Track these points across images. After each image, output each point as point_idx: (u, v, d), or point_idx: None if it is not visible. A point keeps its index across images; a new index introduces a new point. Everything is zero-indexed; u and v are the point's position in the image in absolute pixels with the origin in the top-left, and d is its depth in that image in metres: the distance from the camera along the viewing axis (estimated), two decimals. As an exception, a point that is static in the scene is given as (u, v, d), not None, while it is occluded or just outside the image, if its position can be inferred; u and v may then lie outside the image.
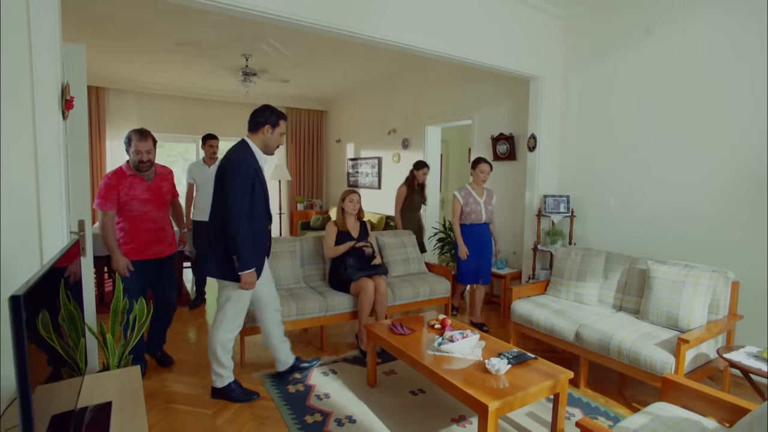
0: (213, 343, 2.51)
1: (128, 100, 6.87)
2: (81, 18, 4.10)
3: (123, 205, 2.70)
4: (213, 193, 2.45)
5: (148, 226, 2.79)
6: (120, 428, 1.51)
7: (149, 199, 2.79)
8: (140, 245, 2.77)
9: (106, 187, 2.65)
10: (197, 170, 4.29)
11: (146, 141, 2.70)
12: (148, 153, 2.72)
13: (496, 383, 2.03)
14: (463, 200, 3.77)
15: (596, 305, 3.19)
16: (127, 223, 2.74)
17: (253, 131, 2.49)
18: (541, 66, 3.87)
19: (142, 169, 2.73)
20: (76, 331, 1.95)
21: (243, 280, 2.36)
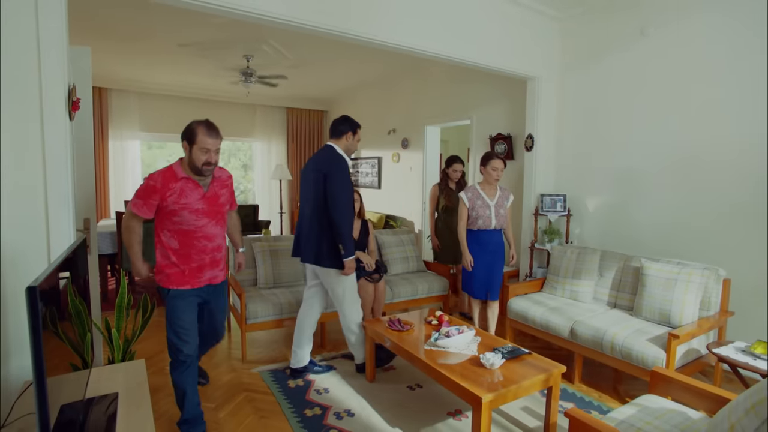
0: (351, 325, 2.85)
1: (131, 100, 6.94)
2: (85, 21, 4.17)
3: (169, 216, 2.10)
4: (311, 193, 2.72)
5: (203, 245, 2.19)
6: (126, 418, 1.57)
7: (205, 211, 2.16)
8: (193, 271, 2.18)
9: (147, 190, 2.07)
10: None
11: (216, 137, 2.11)
12: (216, 153, 2.13)
13: (490, 377, 2.08)
14: (469, 203, 3.23)
15: (591, 302, 3.25)
16: (176, 240, 2.13)
17: (337, 137, 2.79)
18: (537, 67, 3.93)
19: (204, 173, 2.11)
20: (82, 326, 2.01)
21: (346, 266, 2.68)
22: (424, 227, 5.76)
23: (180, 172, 2.10)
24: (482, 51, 3.53)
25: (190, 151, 2.07)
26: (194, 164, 2.08)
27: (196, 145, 2.05)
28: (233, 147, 9.58)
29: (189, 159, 2.09)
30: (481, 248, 3.26)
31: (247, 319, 3.09)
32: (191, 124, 2.08)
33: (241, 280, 3.56)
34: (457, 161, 4.10)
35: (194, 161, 2.07)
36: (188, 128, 2.08)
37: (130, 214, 2.14)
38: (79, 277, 1.86)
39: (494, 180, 3.25)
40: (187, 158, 2.10)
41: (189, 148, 2.07)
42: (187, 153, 2.09)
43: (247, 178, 9.44)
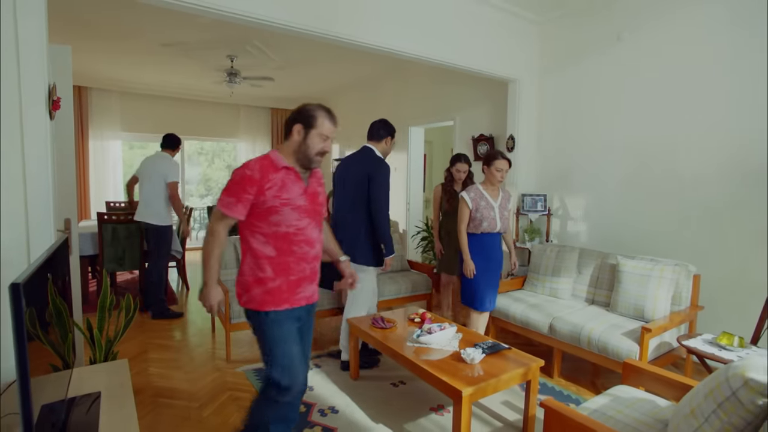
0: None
1: (112, 99, 6.85)
2: (66, 20, 4.12)
3: (265, 215, 1.70)
4: (351, 192, 2.86)
5: (305, 251, 1.78)
6: (109, 417, 1.58)
7: (307, 209, 1.79)
8: (291, 285, 1.77)
9: (243, 181, 1.68)
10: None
11: (336, 124, 1.83)
12: (331, 143, 1.84)
13: (470, 371, 2.14)
14: (472, 204, 2.96)
15: (570, 299, 3.34)
16: (272, 246, 1.73)
17: (377, 140, 2.95)
18: (518, 69, 4.02)
19: (314, 164, 1.80)
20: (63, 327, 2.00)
21: (387, 263, 2.90)
22: (409, 227, 5.82)
23: (280, 161, 1.73)
24: (465, 54, 3.60)
25: (306, 137, 1.74)
26: (307, 152, 1.75)
27: (315, 130, 1.74)
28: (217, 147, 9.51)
29: (300, 145, 1.75)
30: (484, 253, 3.01)
31: (232, 319, 3.10)
32: (307, 106, 1.77)
33: (226, 280, 3.56)
34: (461, 160, 3.66)
35: (308, 148, 1.74)
36: (305, 111, 1.75)
37: (219, 215, 1.71)
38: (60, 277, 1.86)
39: (498, 181, 3.01)
40: (296, 144, 1.76)
41: (304, 133, 1.74)
42: (298, 138, 1.75)
43: (231, 179, 9.36)
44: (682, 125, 3.16)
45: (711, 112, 3.01)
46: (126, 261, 4.32)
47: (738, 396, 1.19)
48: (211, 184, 9.72)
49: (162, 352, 3.26)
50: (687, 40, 3.11)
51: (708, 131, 3.03)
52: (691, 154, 3.13)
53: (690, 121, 3.12)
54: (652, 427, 1.55)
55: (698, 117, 3.08)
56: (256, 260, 1.73)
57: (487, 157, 3.05)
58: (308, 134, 1.74)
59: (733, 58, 2.88)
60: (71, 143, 2.63)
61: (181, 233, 4.93)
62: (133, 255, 4.33)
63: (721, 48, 2.93)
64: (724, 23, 2.91)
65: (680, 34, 3.14)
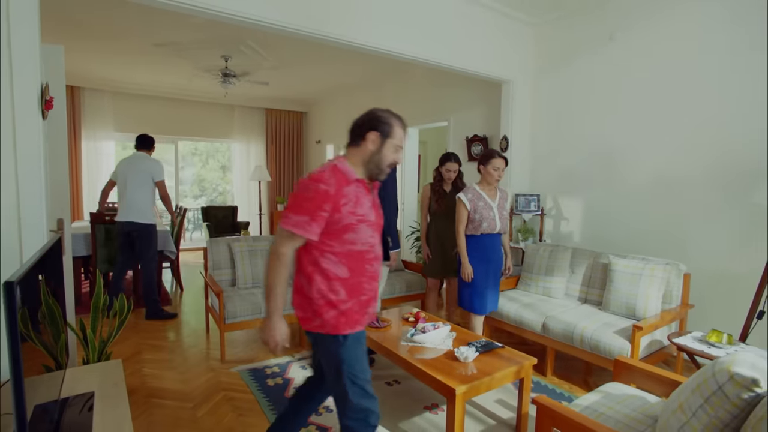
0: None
1: (105, 99, 6.81)
2: (59, 20, 4.10)
3: (339, 233, 1.54)
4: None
5: (374, 269, 1.66)
6: (102, 416, 1.57)
7: (377, 224, 1.67)
8: (363, 304, 1.63)
9: (318, 198, 1.48)
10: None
11: (407, 131, 1.70)
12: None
13: (464, 370, 2.15)
14: (470, 205, 2.90)
15: (563, 298, 3.37)
16: (345, 267, 1.57)
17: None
18: (512, 70, 4.05)
19: (382, 176, 1.65)
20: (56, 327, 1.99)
21: (393, 258, 2.97)
22: (403, 227, 5.83)
23: (352, 173, 1.57)
24: (459, 55, 3.62)
25: (381, 146, 1.59)
26: (380, 163, 1.61)
27: (391, 140, 1.59)
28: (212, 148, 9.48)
29: (373, 155, 1.59)
30: (484, 255, 2.95)
31: (226, 319, 3.10)
32: (381, 112, 1.61)
33: (220, 280, 3.55)
34: (450, 159, 3.48)
35: (382, 159, 1.60)
36: (381, 117, 1.59)
37: (288, 236, 1.49)
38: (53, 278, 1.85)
39: (495, 181, 2.96)
40: (369, 154, 1.60)
41: (380, 143, 1.58)
42: (373, 147, 1.59)
43: (225, 180, 9.35)
44: (673, 125, 3.21)
45: (700, 111, 3.05)
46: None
47: (724, 390, 1.21)
48: (205, 184, 9.69)
49: (156, 352, 3.25)
50: (677, 40, 3.15)
51: (697, 131, 3.07)
52: (681, 154, 3.17)
53: (680, 121, 3.16)
54: (642, 423, 1.58)
55: (688, 117, 3.12)
56: (328, 282, 1.55)
57: (484, 156, 2.98)
58: (384, 144, 1.59)
59: (723, 56, 2.92)
60: (64, 143, 2.62)
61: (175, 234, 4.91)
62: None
63: (712, 47, 2.97)
64: (716, 22, 2.95)
65: (671, 34, 3.18)
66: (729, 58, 2.89)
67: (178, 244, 4.94)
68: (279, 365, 3.05)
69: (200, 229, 8.86)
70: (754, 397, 1.17)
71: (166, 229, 4.77)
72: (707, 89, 3.01)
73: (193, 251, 7.72)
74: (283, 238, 1.50)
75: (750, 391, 1.17)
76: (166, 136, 7.63)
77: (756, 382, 1.17)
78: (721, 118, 2.95)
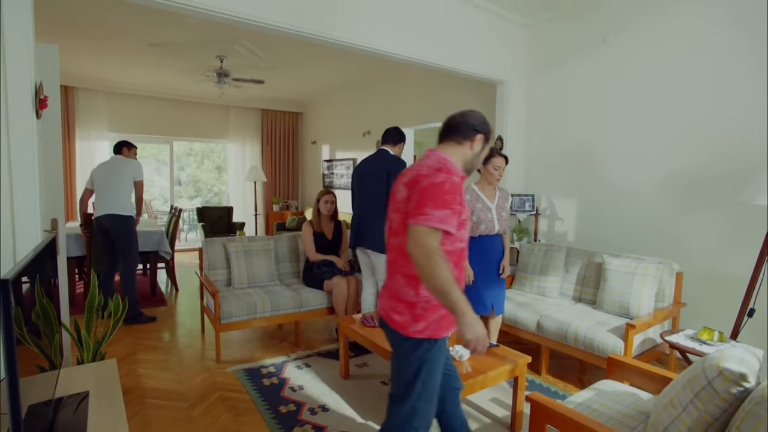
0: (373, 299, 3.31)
1: (99, 100, 6.78)
2: (53, 19, 4.08)
3: (458, 228, 1.47)
4: (374, 188, 3.14)
5: (463, 272, 1.64)
6: (98, 415, 1.57)
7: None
8: None
9: (454, 188, 1.42)
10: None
11: None
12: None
13: (459, 368, 2.17)
14: (468, 206, 2.71)
15: (557, 297, 3.39)
16: (451, 263, 1.44)
17: (392, 144, 3.32)
18: (506, 71, 4.07)
19: (468, 175, 1.62)
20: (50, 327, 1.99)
21: None
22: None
23: (459, 170, 1.53)
24: (454, 55, 3.64)
25: (482, 150, 1.62)
26: (476, 164, 1.64)
27: (488, 145, 1.65)
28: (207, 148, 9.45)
29: (474, 157, 1.61)
30: (483, 257, 2.89)
31: (221, 319, 3.09)
32: (482, 116, 1.62)
33: (215, 281, 3.55)
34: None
35: (475, 160, 1.62)
36: (485, 122, 1.61)
37: (431, 232, 1.36)
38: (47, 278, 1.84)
39: (495, 180, 2.87)
40: (471, 155, 1.60)
41: (483, 145, 1.61)
42: (478, 149, 1.60)
43: (221, 180, 9.32)
44: (665, 126, 3.24)
45: (692, 112, 3.08)
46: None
47: (713, 385, 1.23)
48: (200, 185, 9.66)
49: (151, 353, 3.24)
50: (669, 42, 3.18)
51: (689, 132, 3.10)
52: (674, 154, 3.20)
53: (672, 122, 3.20)
54: (635, 419, 1.59)
55: (680, 118, 3.15)
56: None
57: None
58: (484, 148, 1.62)
59: (715, 58, 2.96)
60: (58, 143, 2.61)
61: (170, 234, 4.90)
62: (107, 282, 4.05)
63: (703, 48, 3.01)
64: (707, 24, 2.99)
65: (662, 36, 3.22)
66: (720, 59, 2.93)
67: (173, 244, 4.93)
68: (275, 365, 3.05)
69: (195, 230, 8.84)
70: (743, 391, 1.19)
71: (161, 229, 4.76)
72: (699, 90, 3.04)
73: (188, 252, 7.69)
74: (427, 235, 1.35)
75: (738, 386, 1.19)
76: (161, 137, 7.61)
77: (744, 377, 1.19)
78: (713, 119, 2.98)
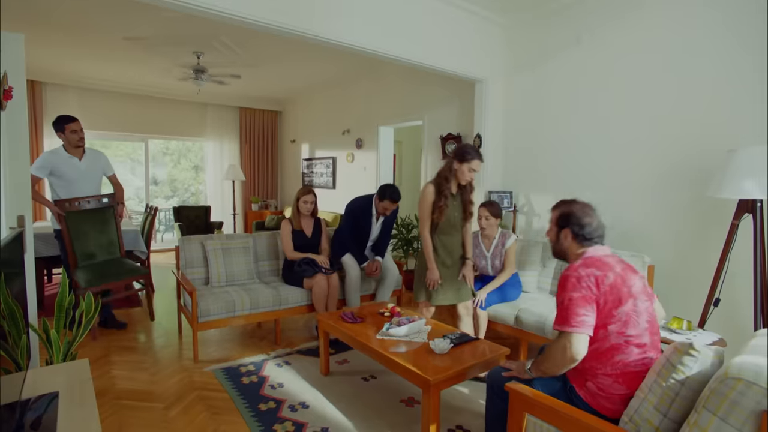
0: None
1: (69, 96, 6.56)
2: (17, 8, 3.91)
3: None
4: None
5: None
6: (68, 417, 1.52)
7: None
8: None
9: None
10: (64, 162, 3.53)
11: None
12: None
13: (439, 361, 2.18)
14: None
15: (535, 291, 3.45)
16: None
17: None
18: (484, 70, 4.12)
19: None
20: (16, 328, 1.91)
21: (377, 266, 3.73)
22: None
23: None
24: (432, 53, 3.66)
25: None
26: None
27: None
28: (183, 147, 9.26)
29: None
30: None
31: (199, 318, 3.03)
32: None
33: (193, 279, 3.48)
34: (477, 156, 2.67)
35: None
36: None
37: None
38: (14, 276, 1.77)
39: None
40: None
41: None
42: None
43: (198, 180, 9.15)
44: (638, 123, 3.33)
45: (664, 109, 3.18)
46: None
47: (670, 360, 1.35)
48: (176, 184, 9.46)
49: (125, 354, 3.16)
50: (644, 40, 3.27)
51: (661, 129, 3.20)
52: (647, 150, 3.29)
53: (645, 119, 3.29)
54: (608, 405, 1.64)
55: (652, 115, 3.25)
56: None
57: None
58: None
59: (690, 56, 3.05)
60: (25, 138, 2.51)
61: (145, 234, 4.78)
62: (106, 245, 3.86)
63: (679, 46, 3.11)
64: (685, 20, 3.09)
65: (635, 36, 3.31)
66: (694, 57, 3.03)
67: (148, 244, 4.81)
68: (254, 363, 3.02)
69: (172, 230, 8.65)
70: (694, 361, 1.29)
71: (136, 228, 4.64)
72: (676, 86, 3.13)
73: (164, 252, 7.52)
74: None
75: (689, 355, 1.29)
76: (135, 135, 7.42)
77: (692, 345, 1.31)
78: (683, 117, 3.08)
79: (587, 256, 1.70)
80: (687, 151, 3.06)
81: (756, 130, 2.69)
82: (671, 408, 1.30)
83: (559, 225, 1.83)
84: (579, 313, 1.53)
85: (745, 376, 1.09)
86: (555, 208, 1.90)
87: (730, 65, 2.83)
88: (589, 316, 1.53)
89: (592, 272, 1.57)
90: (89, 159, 3.68)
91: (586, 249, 1.74)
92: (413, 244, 5.18)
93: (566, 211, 1.83)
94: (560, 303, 1.61)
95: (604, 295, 1.54)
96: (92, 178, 3.71)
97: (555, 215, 1.87)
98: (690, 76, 3.03)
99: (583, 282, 1.56)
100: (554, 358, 1.60)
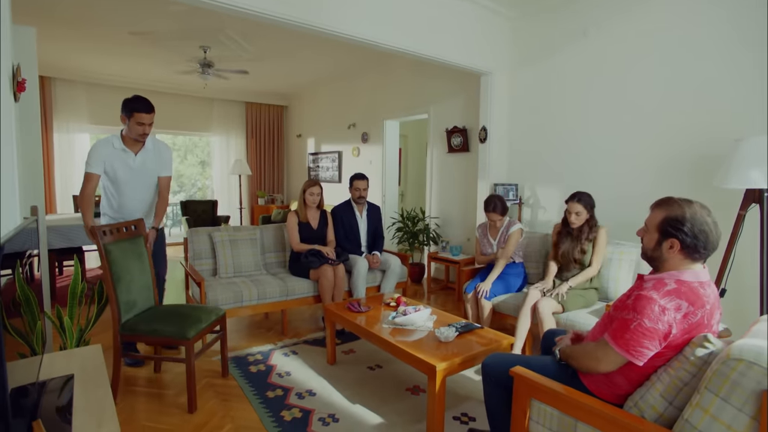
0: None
1: (78, 91, 6.63)
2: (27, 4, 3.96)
3: None
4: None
5: None
6: (84, 398, 1.56)
7: None
8: None
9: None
10: (117, 157, 2.69)
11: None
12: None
13: (444, 349, 2.21)
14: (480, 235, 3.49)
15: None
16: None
17: None
18: (490, 62, 4.12)
19: None
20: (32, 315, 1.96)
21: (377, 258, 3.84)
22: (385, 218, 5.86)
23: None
24: (437, 45, 3.67)
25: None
26: None
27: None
28: (190, 143, 9.33)
29: None
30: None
31: (207, 308, 3.07)
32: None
33: (201, 270, 3.53)
34: (580, 199, 2.96)
35: None
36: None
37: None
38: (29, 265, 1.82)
39: (492, 226, 3.42)
40: None
41: None
42: None
43: (204, 175, 9.21)
44: (643, 117, 3.32)
45: (671, 102, 3.17)
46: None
47: (683, 352, 1.30)
48: (183, 180, 9.54)
49: (135, 343, 3.21)
50: (651, 31, 3.26)
51: (667, 120, 3.19)
52: (653, 141, 3.29)
53: (651, 111, 3.28)
54: (612, 390, 1.65)
55: (658, 107, 3.24)
56: None
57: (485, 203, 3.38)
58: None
59: (695, 49, 3.04)
60: (37, 130, 2.57)
61: None
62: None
63: (683, 40, 3.09)
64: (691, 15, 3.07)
65: (641, 29, 3.29)
66: (701, 47, 3.01)
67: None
68: (261, 353, 3.06)
69: (179, 224, 8.72)
70: (708, 354, 1.25)
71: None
72: (679, 80, 3.12)
73: (171, 246, 7.59)
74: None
75: (703, 348, 1.26)
76: (142, 129, 7.47)
77: (707, 338, 1.27)
78: (690, 109, 3.07)
79: (685, 279, 1.38)
80: (693, 141, 3.06)
81: (763, 119, 2.68)
82: (678, 396, 1.29)
83: (665, 233, 1.43)
84: (643, 344, 1.33)
85: (747, 356, 1.11)
86: (658, 206, 1.51)
87: (736, 56, 2.81)
88: (652, 351, 1.34)
89: (681, 305, 1.32)
90: (146, 154, 2.78)
91: (690, 268, 1.41)
92: (419, 237, 5.19)
93: (679, 215, 1.40)
94: (626, 320, 1.38)
95: (682, 332, 1.32)
96: (143, 181, 2.81)
97: (659, 218, 1.46)
98: (696, 66, 3.01)
99: (665, 315, 1.31)
100: (583, 362, 1.52)
